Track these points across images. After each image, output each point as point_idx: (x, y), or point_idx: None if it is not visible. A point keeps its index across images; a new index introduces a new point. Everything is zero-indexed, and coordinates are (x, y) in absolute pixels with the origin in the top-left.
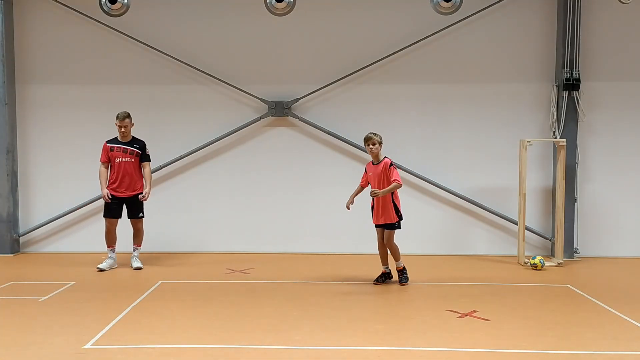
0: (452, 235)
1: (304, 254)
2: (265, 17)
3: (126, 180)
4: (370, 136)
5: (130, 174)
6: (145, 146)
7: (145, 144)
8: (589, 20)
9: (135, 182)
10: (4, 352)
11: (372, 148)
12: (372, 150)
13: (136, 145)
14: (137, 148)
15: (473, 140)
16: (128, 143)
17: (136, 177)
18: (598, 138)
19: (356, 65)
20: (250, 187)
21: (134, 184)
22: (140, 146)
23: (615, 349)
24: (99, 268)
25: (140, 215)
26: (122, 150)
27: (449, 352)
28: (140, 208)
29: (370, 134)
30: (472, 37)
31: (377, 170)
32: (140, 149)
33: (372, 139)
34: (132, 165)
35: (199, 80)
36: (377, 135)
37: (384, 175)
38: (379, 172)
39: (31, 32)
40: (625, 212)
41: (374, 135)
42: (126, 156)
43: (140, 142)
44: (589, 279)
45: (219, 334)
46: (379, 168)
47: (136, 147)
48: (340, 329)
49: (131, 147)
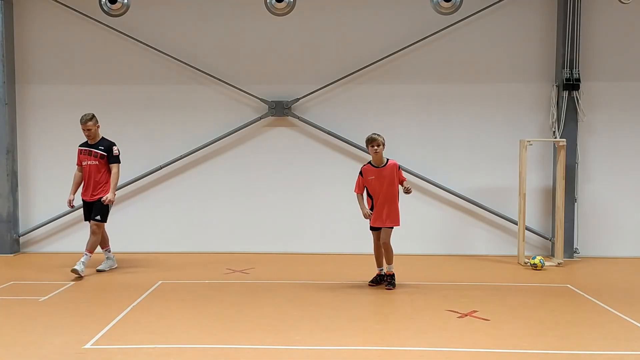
0: (452, 235)
1: (304, 254)
2: (265, 17)
3: (92, 184)
4: (375, 137)
5: (95, 177)
6: (112, 147)
7: (112, 145)
8: (589, 20)
9: (98, 186)
10: (4, 352)
11: (377, 149)
12: (376, 151)
13: (101, 147)
14: (102, 150)
15: (473, 140)
16: (94, 145)
17: (101, 180)
18: (598, 138)
19: (356, 65)
20: (250, 187)
21: (98, 187)
22: (106, 148)
23: (615, 349)
24: (99, 269)
25: (98, 218)
26: (87, 153)
27: (449, 352)
28: (99, 210)
29: (374, 135)
30: (472, 37)
31: (382, 173)
32: (106, 151)
33: (376, 140)
34: (96, 168)
35: (199, 80)
36: (380, 136)
37: (392, 177)
38: (386, 174)
39: (31, 32)
40: (625, 212)
41: (378, 136)
42: (90, 159)
43: (107, 143)
44: (589, 279)
45: (219, 334)
46: (385, 170)
47: (101, 149)
48: (340, 329)
49: (95, 149)
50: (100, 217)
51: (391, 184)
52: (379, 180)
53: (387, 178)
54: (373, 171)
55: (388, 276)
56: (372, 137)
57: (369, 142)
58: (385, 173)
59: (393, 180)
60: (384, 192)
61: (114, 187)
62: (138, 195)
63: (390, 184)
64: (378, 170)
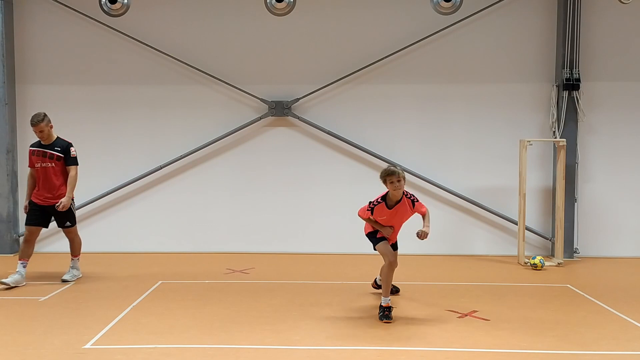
0: (452, 235)
1: (304, 254)
2: (265, 17)
3: (46, 187)
4: (396, 171)
5: (51, 180)
6: (69, 148)
7: (70, 146)
8: (589, 20)
9: (55, 190)
10: (4, 352)
11: (398, 185)
12: (397, 187)
13: (57, 148)
14: (59, 151)
15: (473, 140)
16: (49, 146)
17: (57, 184)
18: (598, 138)
19: (356, 65)
20: (250, 187)
21: (54, 191)
22: (63, 149)
23: (615, 349)
24: (3, 282)
25: (68, 224)
26: (42, 154)
27: (449, 352)
28: (67, 216)
29: (393, 168)
30: (472, 37)
31: (396, 213)
32: (63, 152)
33: (398, 175)
34: (52, 171)
35: (199, 80)
36: (399, 169)
37: (405, 214)
38: (399, 213)
39: (31, 32)
40: (625, 212)
41: (398, 170)
42: (45, 160)
43: (64, 144)
44: (589, 279)
45: (219, 334)
46: (399, 209)
47: (57, 150)
48: (340, 329)
49: (51, 150)
50: (70, 222)
51: (403, 219)
52: (390, 220)
53: (400, 217)
54: (386, 212)
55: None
56: (392, 170)
57: (387, 176)
58: (398, 212)
59: (406, 216)
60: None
61: (71, 191)
62: (138, 195)
63: (403, 219)
64: (392, 211)
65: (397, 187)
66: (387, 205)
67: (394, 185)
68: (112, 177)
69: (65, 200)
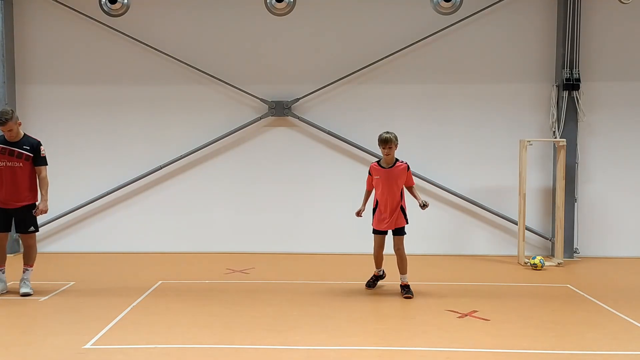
0: (452, 235)
1: (304, 254)
2: (265, 17)
3: (11, 189)
4: (388, 137)
5: (17, 181)
6: (39, 147)
7: (39, 145)
8: (589, 20)
9: (22, 191)
10: (4, 352)
11: (388, 151)
12: (387, 154)
13: (26, 147)
14: (28, 150)
15: (473, 140)
16: (17, 144)
17: (25, 185)
18: (598, 138)
19: (356, 65)
20: (250, 187)
21: (21, 193)
22: (33, 147)
23: (615, 349)
24: None
25: (32, 229)
26: (8, 153)
27: (449, 352)
28: (32, 221)
29: (388, 135)
30: (472, 37)
31: (390, 174)
32: (33, 151)
33: (388, 142)
34: (20, 171)
35: (199, 80)
36: (392, 135)
37: (398, 179)
38: (393, 176)
39: (31, 32)
40: (625, 212)
41: (390, 135)
42: (13, 160)
43: (33, 142)
44: (589, 279)
45: (219, 334)
46: (394, 172)
47: (26, 149)
48: (340, 329)
49: (19, 148)
50: (34, 227)
51: (396, 186)
52: (384, 181)
53: (393, 180)
54: (380, 171)
55: (404, 287)
56: (385, 137)
57: (383, 143)
58: (392, 174)
59: (398, 182)
60: (388, 194)
61: (46, 195)
62: (138, 195)
63: (396, 186)
64: (386, 171)
65: (387, 154)
66: (380, 165)
67: (385, 151)
68: (112, 177)
69: (43, 205)
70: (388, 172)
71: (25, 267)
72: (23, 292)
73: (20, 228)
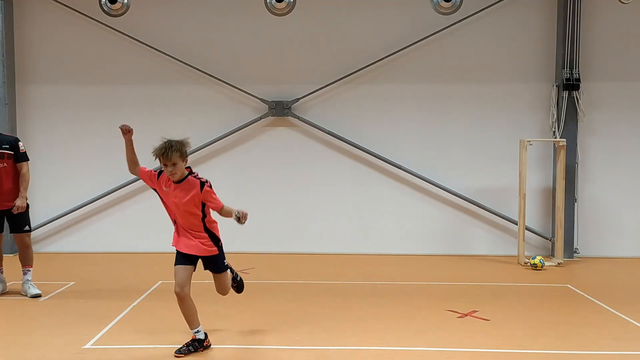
0: (452, 235)
1: (304, 254)
2: (265, 17)
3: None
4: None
5: (2, 182)
6: (18, 143)
7: (17, 141)
8: (589, 20)
9: (10, 191)
10: (4, 352)
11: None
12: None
13: (6, 146)
14: (7, 148)
15: (473, 140)
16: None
17: (12, 185)
18: (598, 138)
19: (356, 65)
20: (250, 187)
21: (9, 193)
22: (12, 145)
23: (615, 349)
24: None
25: (27, 228)
26: None
27: (449, 352)
28: (25, 219)
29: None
30: (472, 37)
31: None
32: (12, 149)
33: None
34: (4, 171)
35: (199, 80)
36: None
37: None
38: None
39: (31, 32)
40: (625, 212)
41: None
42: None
43: (12, 139)
44: (589, 279)
45: (219, 334)
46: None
47: (6, 147)
48: (340, 329)
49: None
50: (29, 227)
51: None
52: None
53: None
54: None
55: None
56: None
57: None
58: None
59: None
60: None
61: (25, 191)
62: (138, 195)
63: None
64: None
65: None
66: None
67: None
68: (113, 177)
69: (20, 202)
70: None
71: (25, 269)
72: (33, 294)
73: (13, 228)
